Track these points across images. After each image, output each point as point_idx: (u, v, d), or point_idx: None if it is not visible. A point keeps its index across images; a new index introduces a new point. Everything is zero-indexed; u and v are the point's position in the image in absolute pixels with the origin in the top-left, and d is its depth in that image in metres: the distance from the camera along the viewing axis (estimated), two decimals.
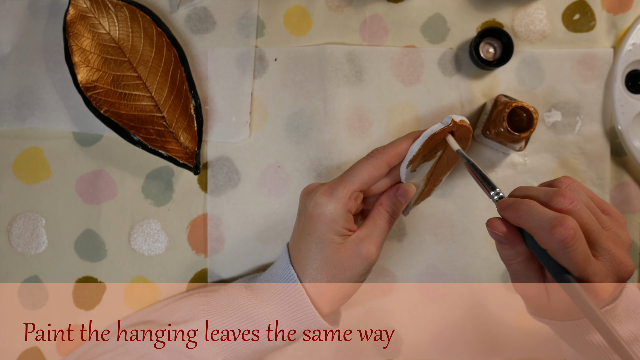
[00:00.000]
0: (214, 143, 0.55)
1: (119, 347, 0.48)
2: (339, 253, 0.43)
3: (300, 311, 0.44)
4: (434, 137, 0.43)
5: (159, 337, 0.46)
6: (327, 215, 0.42)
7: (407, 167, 0.44)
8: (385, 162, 0.43)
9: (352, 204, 0.43)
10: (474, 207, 0.56)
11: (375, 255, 0.43)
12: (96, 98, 0.51)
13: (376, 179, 0.43)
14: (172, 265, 0.55)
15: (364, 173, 0.43)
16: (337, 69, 0.55)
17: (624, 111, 0.55)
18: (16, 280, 0.54)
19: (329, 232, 0.43)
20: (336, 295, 0.44)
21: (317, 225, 0.43)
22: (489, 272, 0.55)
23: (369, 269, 0.44)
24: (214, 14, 0.56)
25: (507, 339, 0.55)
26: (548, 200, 0.36)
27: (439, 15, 0.56)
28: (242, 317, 0.45)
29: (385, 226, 0.44)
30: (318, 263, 0.43)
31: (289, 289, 0.44)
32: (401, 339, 0.55)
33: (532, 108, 0.49)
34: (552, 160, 0.56)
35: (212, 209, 0.55)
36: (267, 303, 0.45)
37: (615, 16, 0.56)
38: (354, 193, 0.43)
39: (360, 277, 0.44)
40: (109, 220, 0.55)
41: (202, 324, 0.46)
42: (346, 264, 0.43)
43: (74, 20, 0.52)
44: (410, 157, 0.43)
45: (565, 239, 0.33)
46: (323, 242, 0.43)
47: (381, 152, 0.43)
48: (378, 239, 0.44)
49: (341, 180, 0.43)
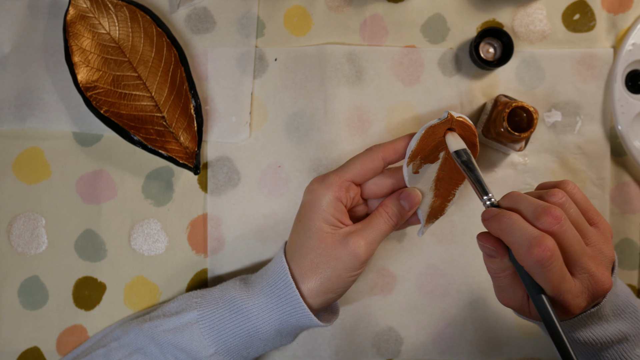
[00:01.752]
0: (214, 143, 0.55)
1: (112, 341, 0.48)
2: (325, 241, 0.43)
3: (289, 305, 0.44)
4: (432, 131, 0.42)
5: (151, 327, 0.47)
6: (316, 201, 0.43)
7: (407, 166, 0.43)
8: (380, 155, 0.44)
9: (343, 193, 0.43)
10: (474, 207, 0.56)
11: (364, 250, 0.43)
12: (96, 98, 0.51)
13: (370, 171, 0.44)
14: (172, 265, 0.55)
15: (356, 164, 0.44)
16: (337, 69, 0.55)
17: (624, 111, 0.55)
18: (16, 280, 0.54)
19: (317, 219, 0.43)
20: (320, 286, 0.43)
21: (307, 211, 0.44)
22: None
23: (356, 265, 0.43)
24: (214, 14, 0.56)
25: (507, 339, 0.55)
26: (534, 217, 0.36)
27: (439, 15, 0.56)
28: (232, 309, 0.45)
29: (382, 226, 0.44)
30: (304, 251, 0.44)
31: (279, 282, 0.44)
32: (401, 339, 0.55)
33: (532, 108, 0.49)
34: (552, 160, 0.56)
35: (212, 209, 0.55)
36: (257, 295, 0.45)
37: (615, 16, 0.56)
38: (345, 182, 0.43)
39: (346, 271, 0.43)
40: (109, 220, 0.55)
41: (193, 315, 0.46)
42: (331, 254, 0.43)
43: (74, 20, 0.52)
44: (409, 154, 0.43)
45: (541, 260, 0.34)
46: (311, 229, 0.44)
47: (377, 146, 0.44)
48: (370, 236, 0.43)
49: (335, 170, 0.45)
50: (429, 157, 0.44)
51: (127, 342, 0.47)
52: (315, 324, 0.44)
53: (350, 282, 0.44)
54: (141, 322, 0.48)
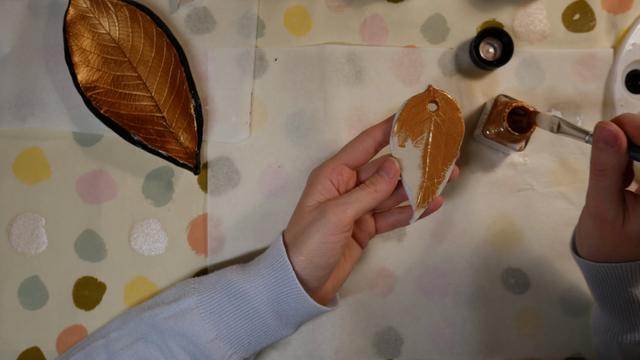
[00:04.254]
0: (214, 143, 0.55)
1: (111, 332, 0.48)
2: (304, 211, 0.45)
3: (284, 284, 0.44)
4: (416, 102, 0.44)
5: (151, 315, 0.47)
6: (309, 185, 0.46)
7: (393, 138, 0.44)
8: (368, 135, 0.45)
9: (335, 175, 0.45)
10: (474, 207, 0.56)
11: (336, 211, 0.42)
12: (96, 98, 0.51)
13: (361, 152, 0.45)
14: (172, 265, 0.55)
15: (347, 147, 0.46)
16: (337, 69, 0.55)
17: (624, 111, 0.55)
18: (16, 280, 0.54)
19: (305, 196, 0.45)
20: (306, 258, 0.43)
21: (301, 196, 0.46)
22: (489, 272, 0.55)
23: (329, 226, 0.42)
24: (214, 14, 0.56)
25: (507, 339, 0.55)
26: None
27: (439, 15, 0.56)
28: (230, 292, 0.45)
29: (359, 193, 0.44)
30: (290, 225, 0.46)
31: (275, 263, 0.44)
32: (401, 339, 0.55)
33: (532, 108, 0.49)
34: (552, 160, 0.56)
35: (212, 209, 0.55)
36: (254, 278, 0.45)
37: (615, 16, 0.56)
38: (338, 165, 0.45)
39: (323, 235, 0.42)
40: (109, 220, 0.55)
41: (192, 301, 0.46)
42: (307, 219, 0.44)
43: (74, 20, 0.52)
44: (394, 124, 0.44)
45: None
46: (299, 206, 0.46)
47: (366, 129, 0.46)
48: (344, 199, 0.43)
49: (330, 158, 0.47)
50: (414, 131, 0.44)
51: (127, 332, 0.47)
52: (312, 304, 0.44)
53: (331, 250, 0.43)
54: (140, 311, 0.48)
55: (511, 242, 0.56)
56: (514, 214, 0.56)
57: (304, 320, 0.47)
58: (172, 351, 0.45)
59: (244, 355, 0.47)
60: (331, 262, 0.44)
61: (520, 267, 0.55)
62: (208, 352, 0.45)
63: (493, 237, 0.56)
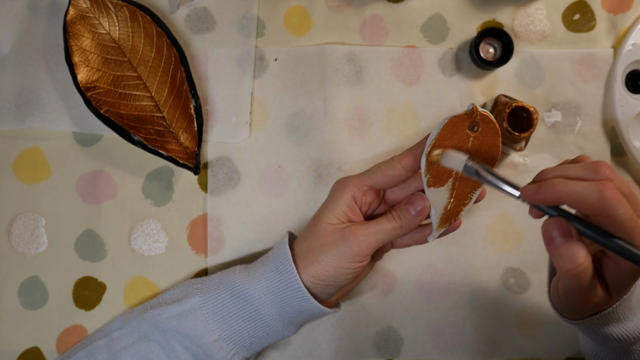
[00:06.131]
0: (214, 143, 0.55)
1: (113, 331, 0.48)
2: (326, 229, 0.44)
3: (290, 288, 0.44)
4: (455, 122, 0.41)
5: (153, 315, 0.47)
6: (331, 197, 0.45)
7: (424, 158, 0.42)
8: (398, 161, 0.43)
9: (359, 194, 0.44)
10: (474, 207, 0.56)
11: (361, 240, 0.42)
12: (96, 98, 0.51)
13: (389, 178, 0.43)
14: (172, 265, 0.55)
15: (377, 170, 0.44)
16: (337, 69, 0.55)
17: (624, 111, 0.55)
18: (16, 280, 0.54)
19: (328, 212, 0.44)
20: (316, 271, 0.43)
21: (322, 207, 0.46)
22: (489, 272, 0.55)
23: (348, 253, 0.42)
24: (214, 14, 0.56)
25: (507, 339, 0.55)
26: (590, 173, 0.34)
27: (439, 15, 0.56)
28: (233, 293, 0.45)
29: (384, 224, 0.43)
30: (306, 235, 0.45)
31: (281, 266, 0.44)
32: (401, 339, 0.55)
33: (532, 108, 0.49)
34: (552, 160, 0.56)
35: (212, 209, 0.55)
36: (259, 279, 0.45)
37: (615, 16, 0.56)
38: (363, 185, 0.44)
39: (339, 260, 0.43)
40: (109, 220, 0.55)
41: (195, 302, 0.46)
42: (328, 239, 0.43)
43: (74, 20, 0.52)
44: (429, 143, 0.41)
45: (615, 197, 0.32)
46: (320, 219, 0.45)
47: (399, 154, 0.44)
48: (368, 229, 0.43)
49: (358, 173, 0.45)
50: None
51: (129, 331, 0.47)
52: (316, 307, 0.44)
53: (346, 275, 0.44)
54: (142, 310, 0.48)
55: (511, 242, 0.56)
56: (514, 214, 0.56)
57: (306, 321, 0.48)
58: (174, 350, 0.45)
59: (246, 355, 0.47)
60: (343, 283, 0.45)
61: (520, 267, 0.55)
62: (210, 352, 0.45)
63: (493, 237, 0.56)
